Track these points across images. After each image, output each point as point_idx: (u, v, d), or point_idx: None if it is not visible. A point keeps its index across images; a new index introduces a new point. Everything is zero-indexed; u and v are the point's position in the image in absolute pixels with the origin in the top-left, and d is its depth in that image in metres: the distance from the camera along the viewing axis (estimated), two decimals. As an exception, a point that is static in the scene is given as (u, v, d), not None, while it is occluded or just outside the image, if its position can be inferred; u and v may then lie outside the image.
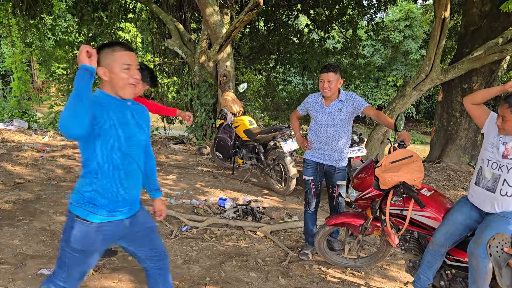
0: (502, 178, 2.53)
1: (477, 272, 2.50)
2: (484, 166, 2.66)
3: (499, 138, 2.60)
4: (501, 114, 2.51)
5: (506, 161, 2.52)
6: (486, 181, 2.63)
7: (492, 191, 2.58)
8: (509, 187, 2.51)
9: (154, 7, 9.12)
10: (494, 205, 2.59)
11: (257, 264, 3.72)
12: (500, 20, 8.57)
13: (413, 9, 24.75)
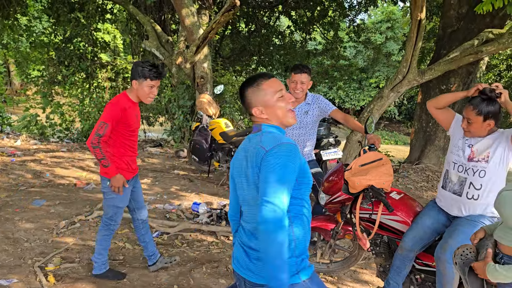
0: (468, 181, 2.49)
1: (444, 277, 2.45)
2: (450, 169, 2.61)
3: (464, 140, 2.56)
4: (466, 116, 2.47)
5: (472, 164, 2.48)
6: (452, 185, 2.59)
7: (458, 195, 2.54)
8: (476, 190, 2.47)
9: (131, 8, 8.97)
10: (461, 209, 2.55)
11: (228, 270, 3.62)
12: (477, 22, 8.65)
13: (395, 11, 24.98)
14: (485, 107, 2.39)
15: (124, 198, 3.13)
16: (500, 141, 2.41)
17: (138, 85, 2.90)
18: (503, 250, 1.88)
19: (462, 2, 9.16)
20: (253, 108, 1.72)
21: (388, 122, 29.07)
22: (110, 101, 2.96)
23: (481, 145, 2.47)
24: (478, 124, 2.43)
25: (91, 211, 4.67)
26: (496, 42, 6.33)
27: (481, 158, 2.45)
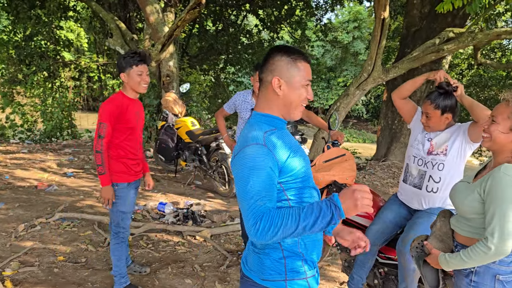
0: (428, 174, 2.54)
1: (405, 270, 2.49)
2: (410, 163, 2.66)
3: (424, 134, 2.60)
4: (425, 111, 2.52)
5: (431, 157, 2.53)
6: (412, 178, 2.63)
7: (418, 188, 2.59)
8: (435, 183, 2.52)
9: (94, 6, 8.73)
10: (421, 202, 2.59)
11: (194, 270, 3.57)
12: (438, 21, 8.92)
13: (361, 10, 25.44)
14: (443, 101, 2.44)
15: (127, 202, 2.98)
16: (458, 134, 2.47)
17: (127, 76, 2.78)
18: (457, 238, 1.94)
19: (424, 2, 9.42)
20: (275, 77, 1.49)
21: (356, 120, 29.59)
22: (106, 100, 2.85)
23: (440, 139, 2.52)
24: (436, 118, 2.48)
25: (53, 213, 4.51)
26: (456, 41, 6.53)
27: (440, 151, 2.50)
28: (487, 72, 12.29)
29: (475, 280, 1.81)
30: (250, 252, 1.57)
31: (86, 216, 4.49)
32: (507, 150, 1.78)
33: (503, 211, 1.66)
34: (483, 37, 6.23)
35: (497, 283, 1.78)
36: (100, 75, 11.86)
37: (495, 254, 1.67)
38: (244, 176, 1.37)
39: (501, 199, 1.68)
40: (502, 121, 1.76)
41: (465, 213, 1.85)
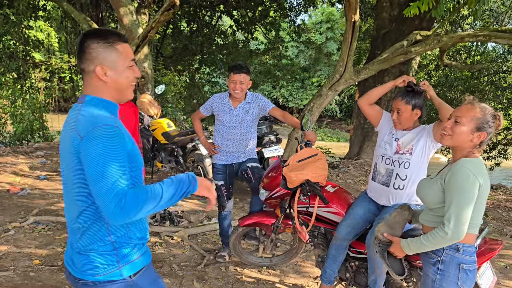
0: (395, 172, 2.69)
1: (374, 263, 2.64)
2: (378, 162, 2.81)
3: (391, 135, 2.76)
4: (396, 107, 2.67)
5: (397, 156, 2.68)
6: (381, 176, 2.78)
7: (386, 185, 2.74)
8: (401, 181, 2.68)
9: (65, 5, 8.59)
10: (389, 199, 2.74)
11: (172, 269, 3.63)
12: (407, 24, 9.22)
13: (334, 12, 25.86)
14: (412, 98, 2.62)
15: None
16: (422, 134, 2.64)
17: None
18: (424, 229, 2.10)
19: (393, 5, 9.71)
20: (98, 66, 1.46)
21: (330, 119, 30.05)
22: None
23: (406, 139, 2.68)
24: (407, 113, 2.64)
25: (27, 217, 4.47)
26: (423, 43, 6.77)
27: (406, 150, 2.66)
28: (453, 72, 12.75)
29: (441, 268, 1.96)
30: (74, 253, 1.53)
31: (61, 219, 4.48)
32: (466, 147, 1.94)
33: (459, 199, 1.83)
34: (448, 39, 6.50)
35: (461, 271, 1.94)
36: (72, 75, 11.68)
37: (451, 238, 1.85)
38: (102, 156, 1.35)
39: (458, 189, 1.84)
40: (467, 123, 1.91)
41: (430, 204, 2.01)
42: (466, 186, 1.84)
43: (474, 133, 1.91)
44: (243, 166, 3.69)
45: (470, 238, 1.96)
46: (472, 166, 1.88)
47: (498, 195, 8.06)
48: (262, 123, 5.89)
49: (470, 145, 1.94)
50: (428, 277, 2.01)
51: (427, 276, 2.02)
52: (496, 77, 12.42)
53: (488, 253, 2.39)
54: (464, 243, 1.95)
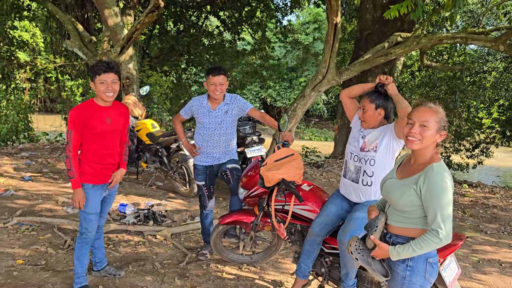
0: (363, 169, 2.83)
1: (346, 257, 2.76)
2: (348, 159, 2.94)
3: (359, 132, 2.89)
4: (362, 105, 2.81)
5: (364, 154, 2.82)
6: (351, 173, 2.91)
7: (356, 182, 2.86)
8: (369, 177, 2.80)
9: (49, 6, 8.60)
10: (359, 195, 2.87)
11: (154, 267, 3.71)
12: (389, 25, 9.40)
13: (321, 12, 26.03)
14: (377, 98, 2.77)
15: (89, 204, 3.02)
16: (386, 132, 2.76)
17: (94, 85, 2.91)
18: (391, 229, 2.18)
19: (376, 7, 9.89)
20: None
21: (318, 119, 30.26)
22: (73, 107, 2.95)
23: (371, 136, 2.81)
24: (371, 112, 2.78)
25: (10, 218, 4.51)
26: (403, 45, 6.94)
27: (371, 148, 2.79)
28: (436, 73, 12.98)
29: (410, 265, 2.07)
30: None
31: (45, 219, 4.53)
32: (431, 148, 2.07)
33: (444, 207, 1.92)
34: (427, 41, 6.68)
35: (428, 265, 2.06)
36: (58, 76, 11.65)
37: (444, 242, 1.94)
38: None
39: (440, 196, 1.93)
40: (433, 126, 2.03)
41: (402, 207, 2.08)
42: (446, 191, 1.94)
43: (438, 134, 2.03)
44: (223, 168, 3.79)
45: None
46: (445, 171, 1.98)
47: (477, 193, 8.28)
48: (246, 123, 5.99)
49: (434, 145, 2.06)
50: (398, 274, 2.10)
51: (397, 274, 2.11)
52: (477, 77, 12.68)
53: (451, 247, 2.53)
54: None
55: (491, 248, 4.99)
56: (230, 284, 3.52)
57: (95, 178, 3.02)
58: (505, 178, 14.89)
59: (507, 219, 6.34)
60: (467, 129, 12.63)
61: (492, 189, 8.87)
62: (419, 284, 2.07)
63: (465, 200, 7.55)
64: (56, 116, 14.89)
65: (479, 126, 13.05)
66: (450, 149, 12.63)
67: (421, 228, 2.04)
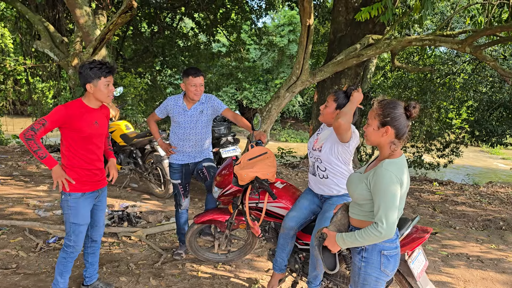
0: (316, 165, 2.98)
1: (317, 260, 2.85)
2: (309, 155, 3.07)
3: (319, 130, 3.04)
4: (327, 100, 2.96)
5: (313, 152, 2.98)
6: (312, 168, 3.06)
7: (314, 175, 3.02)
8: (322, 172, 2.94)
9: (19, 6, 8.40)
10: (320, 187, 2.99)
11: (129, 268, 3.69)
12: (361, 28, 9.58)
13: (295, 15, 26.28)
14: (341, 98, 2.87)
15: (80, 214, 2.85)
16: (331, 135, 2.89)
17: (94, 87, 2.75)
18: (352, 222, 2.27)
19: (349, 9, 10.07)
20: None
21: (294, 121, 30.49)
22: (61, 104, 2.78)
23: (323, 135, 2.99)
24: (331, 109, 2.90)
25: (-21, 222, 4.40)
26: (374, 47, 7.10)
27: (317, 147, 2.94)
28: (407, 74, 13.31)
29: (365, 256, 2.15)
30: None
31: (15, 222, 4.43)
32: (385, 145, 2.12)
33: (387, 202, 2.00)
34: (397, 43, 6.85)
35: (382, 257, 2.14)
36: (28, 78, 11.37)
37: (384, 237, 2.02)
38: None
39: (385, 192, 2.00)
40: (372, 122, 2.12)
41: (357, 199, 2.19)
42: (391, 189, 2.00)
43: (380, 129, 2.08)
44: (199, 166, 3.82)
45: None
46: (394, 167, 2.04)
47: (447, 190, 8.53)
48: (221, 124, 6.02)
49: (387, 141, 2.10)
50: (355, 265, 2.21)
51: (354, 265, 2.21)
52: (447, 79, 13.07)
53: (418, 239, 2.62)
54: None
55: (459, 242, 5.17)
56: (205, 283, 3.54)
57: (84, 185, 2.86)
58: (474, 176, 15.38)
59: (474, 215, 6.56)
60: (438, 130, 13.01)
61: (461, 187, 9.16)
62: (375, 275, 2.15)
63: (436, 198, 7.77)
64: (26, 119, 14.53)
65: (449, 127, 13.45)
66: (422, 148, 12.97)
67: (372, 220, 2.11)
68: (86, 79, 2.76)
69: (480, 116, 13.32)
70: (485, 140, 13.76)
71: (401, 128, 2.08)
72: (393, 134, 2.08)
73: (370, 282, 2.16)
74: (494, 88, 12.90)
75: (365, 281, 2.17)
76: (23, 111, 17.84)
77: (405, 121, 2.09)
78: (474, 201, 7.60)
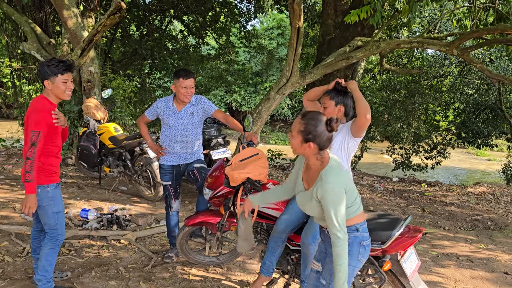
0: None
1: (308, 259, 2.83)
2: None
3: None
4: (323, 102, 2.94)
5: None
6: None
7: None
8: None
9: (5, 7, 8.28)
10: None
11: (119, 272, 3.63)
12: (350, 30, 9.63)
13: (284, 18, 26.38)
14: (336, 95, 2.87)
15: (59, 202, 3.03)
16: (342, 130, 2.86)
17: (52, 84, 2.83)
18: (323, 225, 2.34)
19: (338, 12, 10.12)
20: None
21: (283, 123, 30.56)
22: (33, 107, 2.83)
23: None
24: (331, 108, 2.88)
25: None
26: (363, 49, 7.14)
27: None
28: (396, 76, 13.43)
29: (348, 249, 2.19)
30: None
31: (1, 227, 4.35)
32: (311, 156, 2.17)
33: (336, 211, 2.06)
34: (386, 45, 6.90)
35: (361, 248, 2.24)
36: (14, 80, 11.21)
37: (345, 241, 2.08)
38: None
39: (331, 203, 2.07)
40: (295, 136, 2.15)
41: (316, 217, 2.28)
42: (336, 198, 2.07)
43: (303, 144, 2.13)
44: (190, 167, 3.79)
45: (361, 217, 2.25)
46: (332, 176, 2.10)
47: (436, 191, 8.61)
48: (211, 126, 5.99)
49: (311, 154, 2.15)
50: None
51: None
52: (434, 81, 13.22)
53: (410, 239, 2.63)
54: (358, 222, 2.23)
55: (449, 242, 5.21)
56: (196, 286, 3.50)
57: (56, 176, 3.02)
58: (461, 177, 15.56)
59: (463, 215, 6.63)
60: (425, 131, 13.14)
61: (449, 187, 9.25)
62: (353, 265, 2.25)
63: (424, 199, 7.84)
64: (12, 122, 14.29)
65: (437, 129, 13.60)
66: (410, 150, 13.08)
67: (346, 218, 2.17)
68: (43, 75, 2.84)
69: (466, 118, 13.49)
70: (472, 141, 13.94)
71: (323, 142, 2.13)
72: (316, 148, 2.13)
73: (348, 271, 2.21)
74: (481, 91, 13.09)
75: None
76: (9, 114, 17.57)
77: (327, 134, 2.13)
78: (462, 202, 7.68)
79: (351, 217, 2.20)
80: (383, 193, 8.17)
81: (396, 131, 13.19)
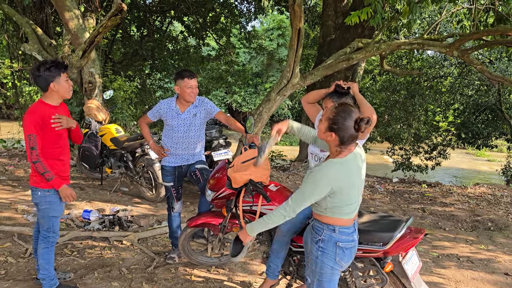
0: None
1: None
2: (310, 159, 3.05)
3: None
4: (325, 106, 2.95)
5: (323, 154, 2.94)
6: None
7: None
8: None
9: (6, 8, 8.30)
10: None
11: (121, 273, 3.65)
12: (351, 31, 9.67)
13: (284, 19, 26.42)
14: (338, 97, 2.88)
15: (58, 207, 3.06)
16: None
17: (57, 85, 2.87)
18: (314, 215, 2.40)
19: (338, 14, 10.16)
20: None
21: (283, 124, 30.61)
22: (26, 112, 2.86)
23: None
24: None
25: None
26: (363, 50, 7.16)
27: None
28: (396, 78, 13.45)
29: (321, 246, 2.28)
30: None
31: (4, 228, 4.36)
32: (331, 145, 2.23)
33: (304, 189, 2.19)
34: (386, 47, 6.92)
35: (338, 249, 2.26)
36: (15, 81, 11.23)
37: (287, 215, 2.24)
38: None
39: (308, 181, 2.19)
40: (324, 122, 2.20)
41: None
42: (314, 183, 2.14)
43: (326, 132, 2.17)
44: (192, 168, 3.81)
45: (346, 222, 2.26)
46: (332, 168, 2.14)
47: (436, 192, 8.63)
48: (212, 127, 6.01)
49: (333, 143, 2.19)
50: (313, 254, 2.32)
51: (312, 254, 2.33)
52: (434, 82, 13.25)
53: (412, 241, 2.64)
54: (340, 225, 2.25)
55: (449, 243, 5.23)
56: (199, 287, 3.52)
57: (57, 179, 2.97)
58: (461, 178, 15.58)
59: (463, 216, 6.65)
60: (425, 132, 13.16)
61: (449, 188, 9.27)
62: (330, 265, 2.27)
63: (425, 199, 7.85)
64: (13, 123, 14.31)
65: (437, 129, 13.63)
66: (410, 151, 13.11)
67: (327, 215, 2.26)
68: (47, 79, 2.86)
69: (466, 119, 13.53)
70: (471, 142, 13.98)
71: (345, 138, 2.15)
72: (337, 140, 2.16)
73: (326, 271, 2.29)
74: (480, 91, 13.12)
75: (322, 269, 2.29)
76: (10, 115, 17.60)
77: (352, 132, 2.13)
78: (462, 202, 7.70)
79: (333, 217, 2.24)
80: (383, 194, 8.19)
81: (396, 132, 13.23)
